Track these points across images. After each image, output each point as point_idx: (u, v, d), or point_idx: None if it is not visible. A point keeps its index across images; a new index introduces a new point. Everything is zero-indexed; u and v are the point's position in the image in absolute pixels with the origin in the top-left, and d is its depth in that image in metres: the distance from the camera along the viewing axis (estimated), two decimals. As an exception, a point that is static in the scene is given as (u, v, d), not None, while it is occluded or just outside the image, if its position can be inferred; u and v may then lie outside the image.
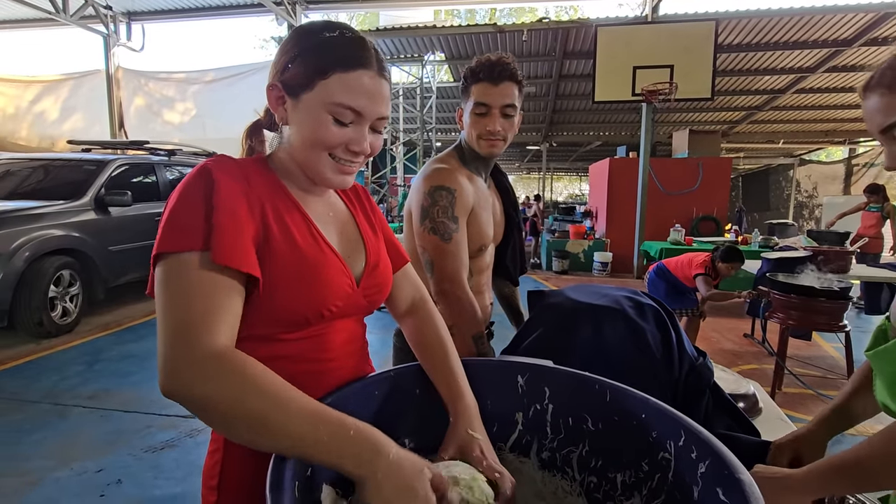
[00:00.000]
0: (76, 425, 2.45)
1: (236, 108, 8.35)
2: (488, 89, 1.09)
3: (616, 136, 13.99)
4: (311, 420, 0.49)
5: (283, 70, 0.63)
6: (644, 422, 0.66)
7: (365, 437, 0.51)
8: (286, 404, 0.49)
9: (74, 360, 3.36)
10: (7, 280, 3.42)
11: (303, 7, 7.89)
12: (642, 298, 1.09)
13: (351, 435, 0.50)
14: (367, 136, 0.64)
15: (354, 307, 0.69)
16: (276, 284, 0.59)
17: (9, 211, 3.60)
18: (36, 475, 2.01)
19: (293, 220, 0.64)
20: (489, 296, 1.30)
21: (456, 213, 1.08)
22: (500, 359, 0.85)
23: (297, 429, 0.48)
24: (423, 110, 9.14)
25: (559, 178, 30.58)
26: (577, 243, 7.80)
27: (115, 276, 4.42)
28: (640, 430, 0.66)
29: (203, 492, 0.67)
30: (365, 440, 0.50)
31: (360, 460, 0.49)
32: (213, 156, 0.63)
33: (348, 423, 0.51)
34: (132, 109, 8.93)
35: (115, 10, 8.33)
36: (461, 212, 1.09)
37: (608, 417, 0.70)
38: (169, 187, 5.21)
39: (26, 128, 9.13)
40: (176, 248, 0.53)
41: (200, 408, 0.49)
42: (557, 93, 10.86)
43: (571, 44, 8.49)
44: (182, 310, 0.51)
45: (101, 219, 4.27)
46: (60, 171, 4.55)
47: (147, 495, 1.90)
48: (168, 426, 2.44)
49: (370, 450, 0.50)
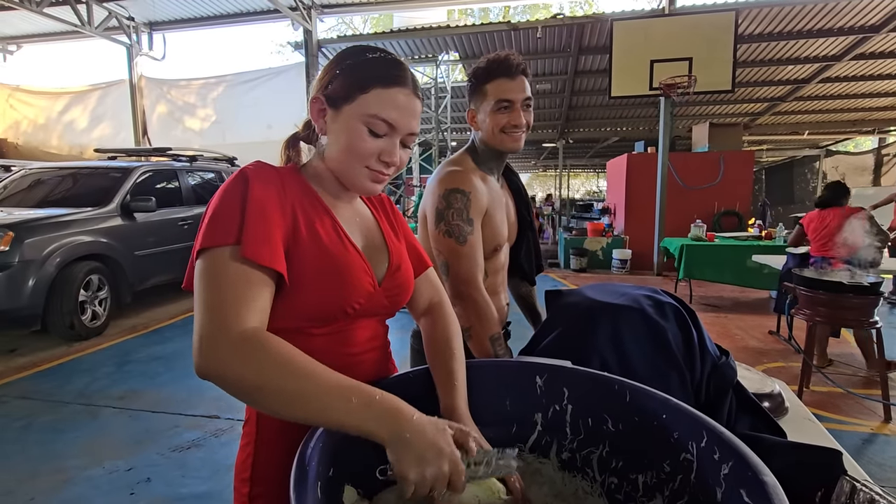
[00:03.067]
0: (107, 425, 2.54)
1: (254, 112, 8.51)
2: (507, 85, 1.10)
3: (634, 131, 13.78)
4: (338, 389, 0.54)
5: (327, 85, 0.68)
6: (665, 422, 0.65)
7: (389, 401, 0.55)
8: (314, 375, 0.53)
9: (104, 362, 3.47)
10: (39, 285, 3.55)
11: (318, 11, 7.98)
12: (662, 297, 1.07)
13: (377, 399, 0.54)
14: (398, 148, 0.68)
15: (377, 306, 0.73)
16: (304, 280, 0.64)
17: (40, 219, 3.74)
18: (70, 473, 2.08)
19: (321, 222, 0.68)
20: (505, 296, 1.30)
21: (471, 216, 1.08)
22: (518, 359, 0.85)
23: (326, 397, 0.53)
24: (437, 110, 9.15)
25: (576, 175, 30.28)
26: (595, 241, 7.72)
27: (141, 279, 4.55)
28: (661, 430, 0.65)
29: (236, 484, 0.70)
30: (389, 404, 0.55)
31: (387, 423, 0.53)
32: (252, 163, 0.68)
33: (373, 391, 0.55)
34: (155, 117, 9.17)
35: (137, 21, 8.56)
36: (476, 214, 1.10)
37: (628, 418, 0.69)
38: (191, 192, 5.33)
39: (56, 137, 9.47)
40: (213, 243, 0.58)
41: (233, 386, 0.52)
42: (573, 89, 10.75)
43: (587, 39, 8.40)
44: (215, 297, 0.56)
45: (127, 224, 4.40)
46: (88, 178, 4.71)
47: (174, 494, 1.95)
48: (194, 426, 2.50)
49: (395, 413, 0.54)
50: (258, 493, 0.68)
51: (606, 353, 0.95)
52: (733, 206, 7.39)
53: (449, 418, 0.69)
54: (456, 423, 0.67)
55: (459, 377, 0.73)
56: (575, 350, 0.93)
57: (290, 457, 0.54)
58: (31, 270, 3.50)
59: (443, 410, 0.71)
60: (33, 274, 3.51)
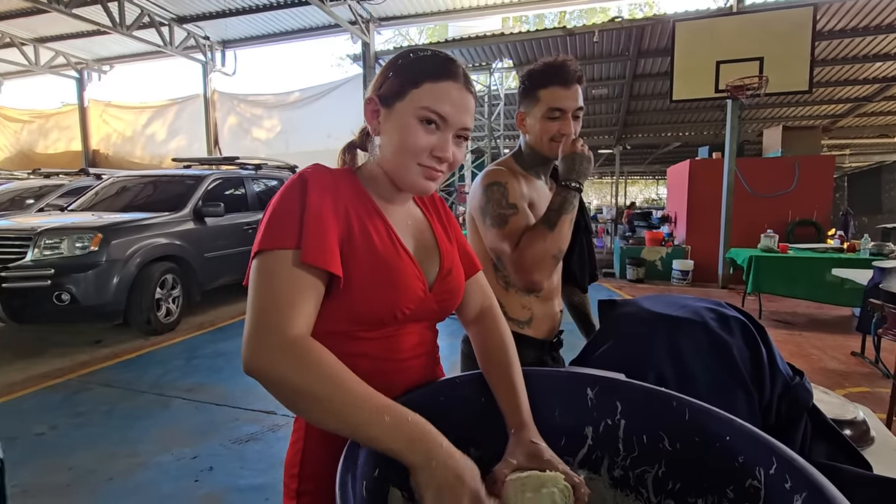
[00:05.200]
0: (176, 414, 2.72)
1: (315, 123, 8.92)
2: (561, 93, 1.09)
3: (697, 136, 13.10)
4: (372, 404, 0.54)
5: (380, 86, 0.70)
6: (729, 444, 0.61)
7: (421, 426, 0.55)
8: (350, 390, 0.54)
9: (175, 356, 3.74)
10: (122, 283, 3.89)
11: (375, 24, 8.26)
12: (727, 310, 1.01)
13: (408, 421, 0.55)
14: (451, 143, 0.68)
15: (426, 311, 0.72)
16: (356, 284, 0.64)
17: (124, 222, 4.10)
18: (143, 457, 2.25)
19: (374, 225, 0.69)
20: (558, 302, 1.26)
21: (511, 201, 1.07)
22: (568, 370, 0.83)
23: (359, 413, 0.53)
24: (490, 117, 9.16)
25: (633, 181, 29.19)
26: (653, 250, 7.38)
27: (209, 280, 4.87)
28: (724, 453, 0.61)
29: (285, 479, 0.72)
30: (421, 430, 0.55)
31: (416, 447, 0.53)
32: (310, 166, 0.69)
33: (406, 413, 0.56)
34: (225, 128, 9.84)
35: (212, 40, 9.25)
36: (516, 198, 1.08)
37: (688, 437, 0.65)
38: (256, 199, 5.66)
39: (140, 148, 10.39)
40: (272, 245, 0.60)
41: (274, 386, 0.54)
42: (631, 93, 10.41)
43: (646, 42, 8.12)
44: (267, 300, 0.57)
45: (199, 228, 4.73)
46: (165, 185, 5.12)
47: (234, 484, 2.06)
48: (252, 420, 2.63)
49: (425, 439, 0.54)
50: (306, 488, 0.69)
51: (664, 367, 0.90)
52: (810, 215, 6.82)
53: (518, 433, 0.68)
54: (527, 437, 0.67)
55: (521, 389, 0.72)
56: (629, 363, 0.89)
57: (338, 455, 0.55)
58: (116, 269, 3.85)
59: (510, 426, 0.69)
60: (117, 272, 3.86)
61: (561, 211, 1.03)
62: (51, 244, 3.68)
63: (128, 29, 7.62)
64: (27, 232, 3.73)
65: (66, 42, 9.36)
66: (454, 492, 0.52)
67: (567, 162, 1.06)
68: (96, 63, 10.34)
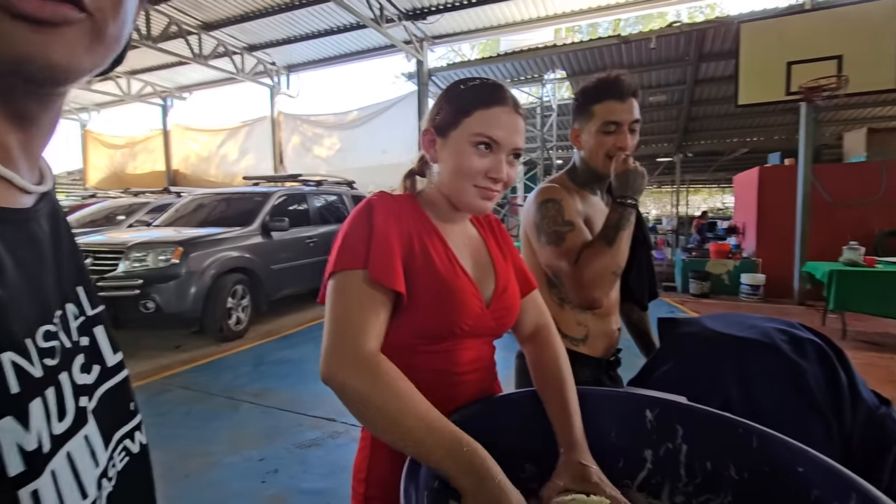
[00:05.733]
0: (244, 418, 2.90)
1: (371, 140, 9.27)
2: (616, 107, 1.09)
3: (767, 141, 12.27)
4: (434, 425, 0.58)
5: (435, 117, 0.76)
6: (802, 477, 0.59)
7: (478, 455, 0.58)
8: (414, 409, 0.59)
9: (244, 362, 3.98)
10: (199, 292, 4.22)
11: (429, 42, 8.48)
12: (800, 332, 0.96)
13: (465, 451, 0.58)
14: (504, 164, 0.72)
15: (484, 328, 0.76)
16: (417, 301, 0.70)
17: (201, 237, 4.46)
18: (215, 457, 2.41)
19: (434, 246, 0.74)
20: (616, 320, 1.25)
21: (567, 218, 1.08)
22: (626, 390, 0.82)
23: (419, 433, 0.58)
24: (543, 129, 9.10)
25: (696, 190, 27.73)
26: (719, 263, 6.96)
27: (275, 290, 5.17)
28: (796, 486, 0.59)
29: (353, 483, 0.77)
30: (477, 458, 0.58)
31: (469, 474, 0.57)
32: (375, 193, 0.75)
33: (463, 439, 0.59)
34: (289, 147, 10.45)
35: (278, 65, 9.89)
36: (572, 215, 1.09)
37: (756, 467, 0.64)
38: (317, 213, 5.96)
39: (214, 167, 11.24)
40: (343, 266, 0.67)
41: (346, 396, 0.61)
42: (692, 99, 9.97)
43: (708, 45, 7.77)
44: (342, 317, 0.64)
45: (266, 242, 5.04)
46: (236, 202, 5.51)
47: (296, 487, 2.16)
48: (315, 426, 2.75)
49: (481, 469, 0.57)
50: (373, 494, 0.74)
51: (730, 391, 0.87)
52: (902, 225, 6.17)
53: (569, 453, 0.69)
54: (576, 458, 0.68)
55: (574, 408, 0.73)
56: (692, 385, 0.87)
57: (402, 463, 0.59)
58: (194, 280, 4.18)
59: (561, 444, 0.71)
60: (195, 283, 4.19)
61: (618, 227, 1.03)
62: (138, 257, 4.07)
63: (205, 59, 8.33)
64: (119, 246, 4.15)
65: (153, 73, 10.37)
66: None
67: (621, 179, 1.06)
68: (178, 90, 11.36)
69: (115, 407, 0.39)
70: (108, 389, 0.38)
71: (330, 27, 8.25)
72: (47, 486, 0.28)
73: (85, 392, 0.35)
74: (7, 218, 0.31)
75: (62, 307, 0.35)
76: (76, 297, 0.38)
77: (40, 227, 0.34)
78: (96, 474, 0.34)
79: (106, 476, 0.36)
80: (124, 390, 0.41)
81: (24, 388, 0.28)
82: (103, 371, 0.38)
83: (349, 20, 7.78)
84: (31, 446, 0.27)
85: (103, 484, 0.35)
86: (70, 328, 0.35)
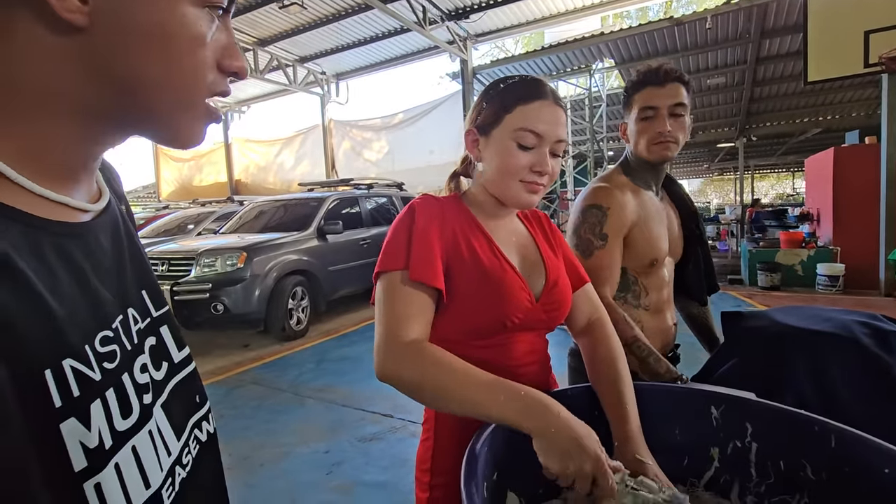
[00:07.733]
0: (310, 412, 3.06)
1: (418, 141, 9.41)
2: (654, 92, 1.08)
3: (842, 119, 11.29)
4: (487, 384, 0.62)
5: (476, 117, 0.78)
6: (889, 479, 0.56)
7: (536, 396, 0.61)
8: (467, 375, 0.63)
9: (307, 360, 4.19)
10: (263, 294, 4.48)
11: (472, 41, 8.48)
12: (884, 324, 0.90)
13: (523, 394, 0.61)
14: (548, 157, 0.74)
15: (535, 321, 0.78)
16: (464, 296, 0.73)
17: (263, 242, 4.73)
18: (285, 448, 2.57)
19: (479, 242, 0.77)
20: (672, 315, 1.21)
21: (604, 231, 1.06)
22: (688, 386, 0.81)
23: (475, 393, 0.61)
24: (592, 120, 8.84)
25: (762, 176, 25.94)
26: (791, 253, 6.48)
27: (333, 291, 5.40)
28: (883, 488, 0.56)
29: (417, 473, 0.81)
30: (537, 399, 0.61)
31: (533, 415, 0.59)
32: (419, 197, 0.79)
33: (519, 387, 0.62)
34: (340, 152, 10.81)
35: (328, 74, 10.25)
36: (612, 230, 1.07)
37: (836, 467, 0.61)
38: (369, 216, 6.15)
39: (272, 175, 11.84)
40: (386, 267, 0.71)
41: (402, 385, 0.65)
42: (755, 79, 9.34)
43: (771, 20, 7.25)
44: (388, 314, 0.68)
45: (322, 245, 5.27)
46: (294, 208, 5.80)
47: (359, 479, 2.26)
48: (375, 421, 2.86)
49: (542, 407, 0.60)
50: (437, 482, 0.77)
51: (804, 389, 0.84)
52: None
53: (623, 447, 0.69)
54: (631, 452, 0.68)
55: (629, 401, 0.73)
56: (760, 381, 0.84)
57: (463, 452, 0.61)
58: (258, 283, 4.45)
59: (616, 438, 0.71)
60: (259, 286, 4.45)
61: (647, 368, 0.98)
62: (208, 262, 4.39)
63: (261, 73, 8.78)
64: (191, 252, 4.49)
65: (214, 90, 11.05)
66: (576, 458, 0.56)
67: None
68: (237, 105, 12.05)
69: (185, 399, 0.42)
70: (177, 383, 0.41)
71: (375, 34, 8.45)
72: (110, 479, 0.30)
73: (150, 389, 0.37)
74: (64, 232, 0.33)
75: (123, 312, 0.37)
76: (140, 301, 0.40)
77: (97, 239, 0.36)
78: (168, 463, 0.37)
79: (180, 463, 0.39)
80: (192, 383, 0.44)
81: (84, 390, 0.29)
82: (171, 367, 0.41)
83: (394, 25, 7.94)
84: (92, 444, 0.29)
85: (177, 471, 0.38)
86: (131, 332, 0.37)
